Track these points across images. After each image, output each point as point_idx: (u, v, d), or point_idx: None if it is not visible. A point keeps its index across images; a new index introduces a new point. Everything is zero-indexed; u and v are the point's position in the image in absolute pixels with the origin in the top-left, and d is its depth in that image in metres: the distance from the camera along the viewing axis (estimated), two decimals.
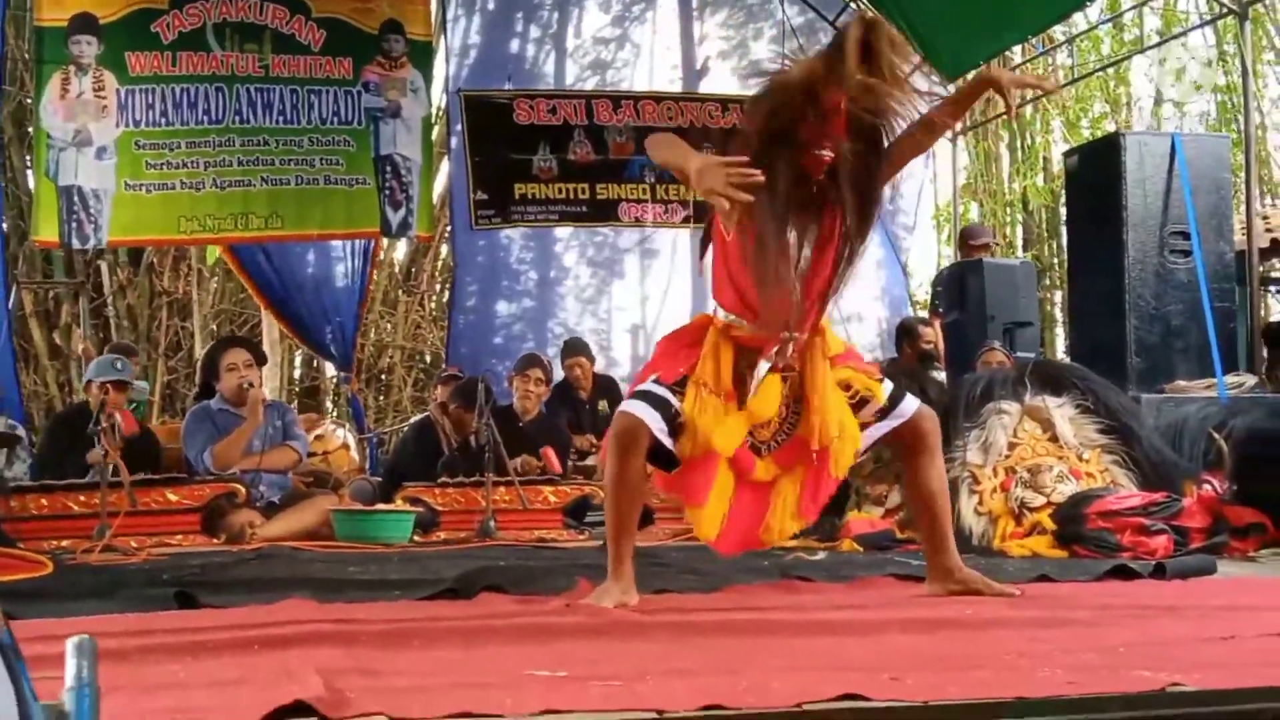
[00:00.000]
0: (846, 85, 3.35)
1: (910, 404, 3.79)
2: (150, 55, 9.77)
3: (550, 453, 7.27)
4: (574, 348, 9.70)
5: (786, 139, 3.45)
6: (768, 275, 3.50)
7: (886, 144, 3.59)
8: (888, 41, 3.40)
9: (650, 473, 3.78)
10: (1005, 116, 3.67)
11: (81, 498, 6.38)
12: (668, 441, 3.59)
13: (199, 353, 11.77)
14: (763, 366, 3.63)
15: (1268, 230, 9.94)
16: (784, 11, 11.56)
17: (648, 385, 3.65)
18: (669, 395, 3.60)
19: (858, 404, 3.74)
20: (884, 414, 3.75)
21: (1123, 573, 4.41)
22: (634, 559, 3.70)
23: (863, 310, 11.07)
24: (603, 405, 9.30)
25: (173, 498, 6.65)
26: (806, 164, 3.47)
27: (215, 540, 6.48)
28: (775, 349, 3.62)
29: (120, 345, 9.79)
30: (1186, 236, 7.46)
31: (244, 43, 10.02)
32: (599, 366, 9.93)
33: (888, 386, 3.78)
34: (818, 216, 3.57)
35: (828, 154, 3.45)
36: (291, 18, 10.11)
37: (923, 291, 15.98)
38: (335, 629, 2.98)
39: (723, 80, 11.60)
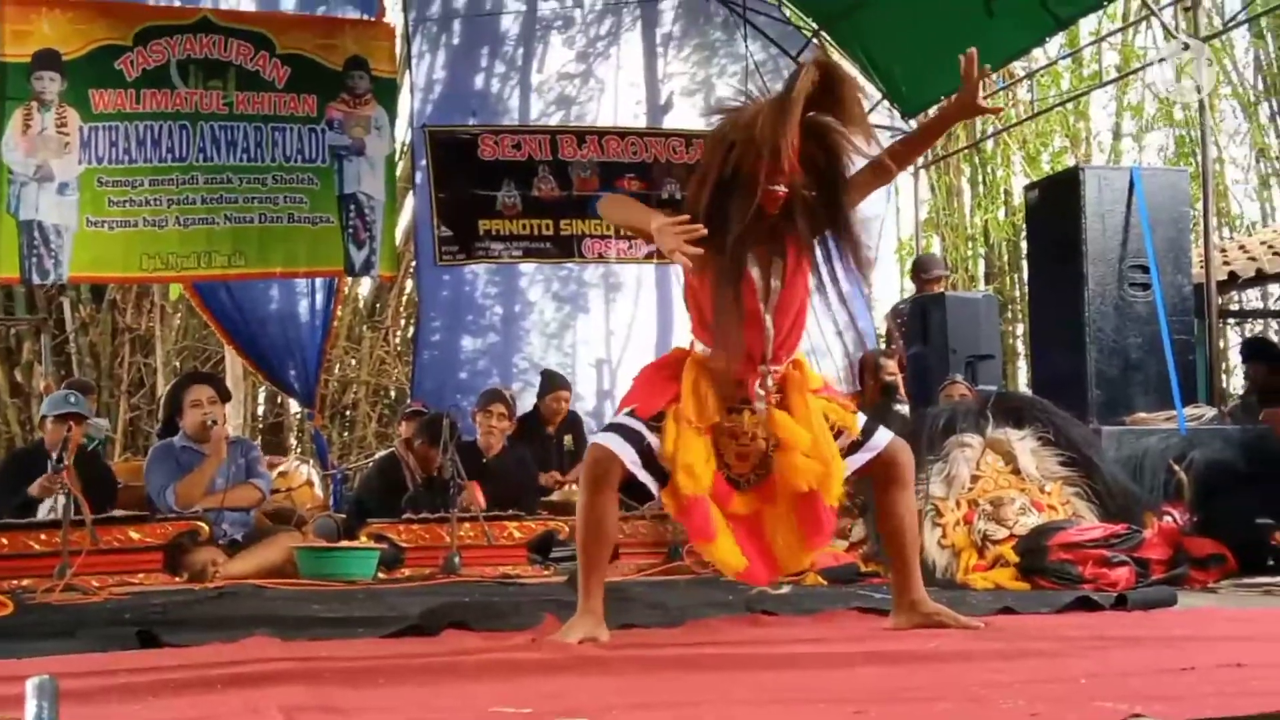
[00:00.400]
0: (804, 124, 3.46)
1: (883, 436, 3.81)
2: (114, 92, 9.73)
3: (475, 487, 7.22)
4: (556, 381, 9.70)
5: (742, 177, 3.52)
6: (733, 310, 3.56)
7: (843, 176, 3.65)
8: (844, 81, 3.50)
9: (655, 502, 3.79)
10: (966, 150, 3.73)
11: (42, 536, 6.30)
12: (641, 475, 3.60)
13: (161, 389, 11.71)
14: (759, 406, 3.67)
15: (1225, 263, 10.04)
16: (747, 48, 11.64)
17: (621, 418, 3.68)
18: (643, 429, 3.62)
19: (833, 435, 3.75)
20: (857, 446, 3.76)
21: (1085, 604, 4.43)
22: (604, 594, 3.69)
23: (828, 344, 11.10)
24: (567, 441, 9.29)
25: (135, 536, 6.60)
26: (762, 201, 3.54)
27: (177, 579, 6.43)
28: (758, 383, 3.66)
29: (76, 382, 9.73)
30: (1145, 270, 7.52)
31: (208, 80, 9.99)
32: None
33: (861, 419, 3.82)
34: (781, 250, 3.64)
35: (781, 189, 3.53)
36: (256, 54, 10.10)
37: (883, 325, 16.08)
38: (299, 667, 2.97)
39: (686, 116, 11.65)
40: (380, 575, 6.58)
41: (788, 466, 3.63)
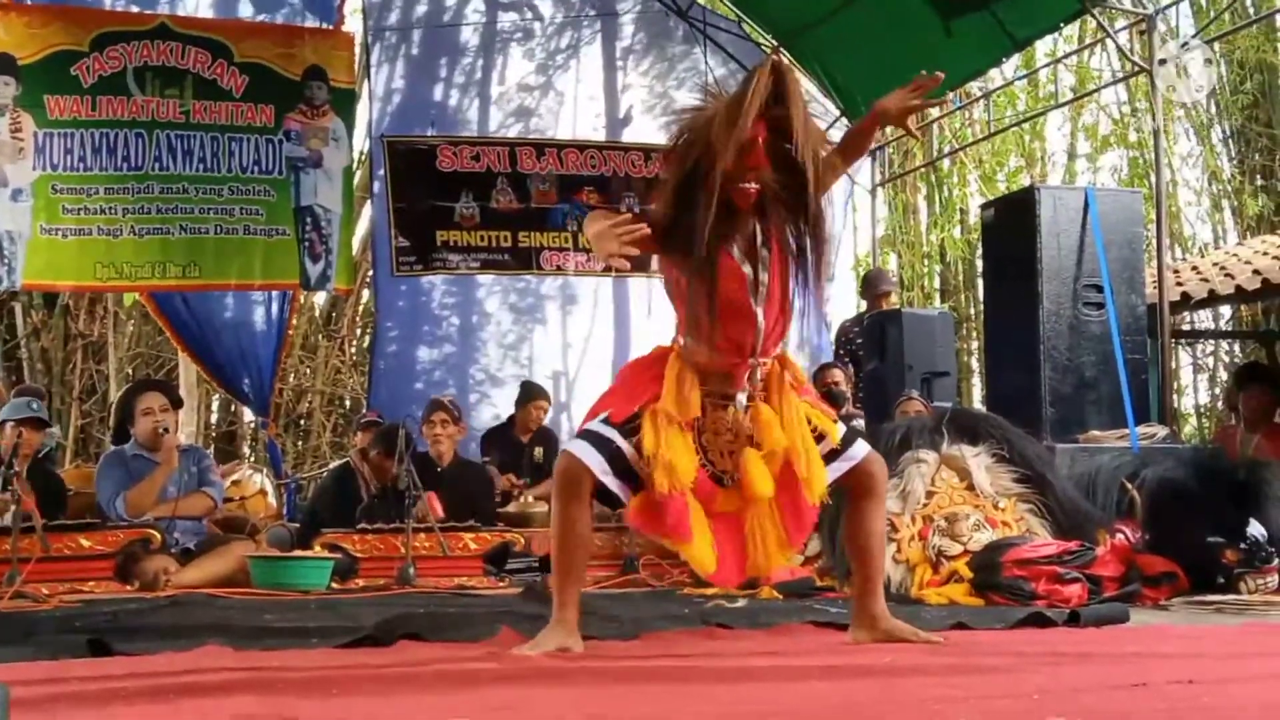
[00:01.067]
0: (744, 125, 3.46)
1: (861, 448, 3.80)
2: (70, 99, 9.67)
3: (433, 498, 7.20)
4: (535, 391, 9.76)
5: (703, 175, 3.51)
6: (710, 304, 3.56)
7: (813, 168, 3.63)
8: (794, 84, 3.53)
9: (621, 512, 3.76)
10: (911, 136, 3.76)
11: None
12: (611, 483, 3.58)
13: (114, 397, 11.61)
14: (741, 398, 3.67)
15: (1178, 284, 10.14)
16: (706, 63, 11.69)
17: (594, 425, 3.65)
18: (615, 435, 3.60)
19: (815, 438, 3.74)
20: (835, 455, 3.74)
21: (1038, 620, 4.46)
22: (579, 605, 3.66)
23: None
24: (538, 453, 9.27)
25: (86, 544, 6.54)
26: (735, 198, 3.55)
27: (129, 587, 6.37)
28: (747, 376, 3.67)
29: (28, 388, 9.62)
30: (1099, 289, 7.57)
31: (165, 88, 9.94)
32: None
33: (841, 428, 3.81)
34: (765, 243, 3.65)
35: (752, 186, 3.54)
36: (214, 62, 10.06)
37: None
38: (252, 677, 2.95)
39: (646, 129, 11.68)
40: (334, 585, 6.53)
41: (751, 468, 3.61)
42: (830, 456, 3.73)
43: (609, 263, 3.47)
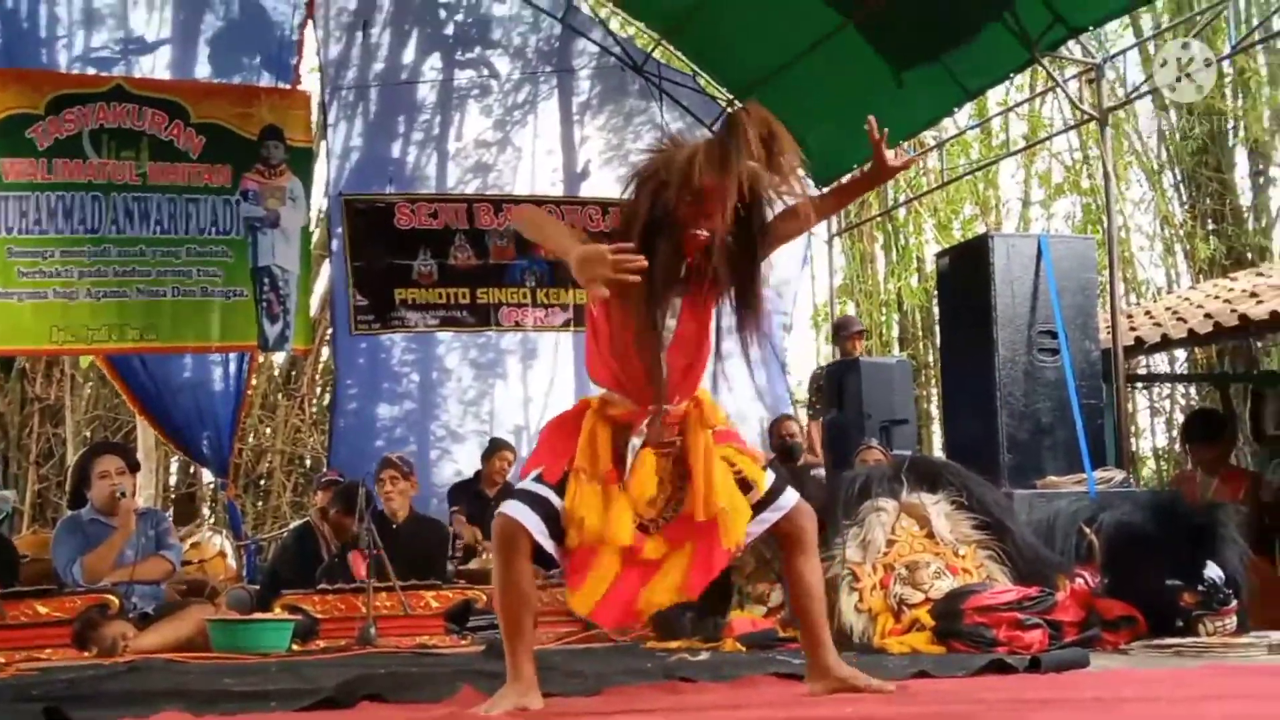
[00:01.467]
0: (739, 171, 3.42)
1: (790, 497, 3.76)
2: (25, 161, 9.66)
3: (357, 558, 7.17)
4: (498, 443, 9.81)
5: (671, 219, 3.49)
6: (638, 350, 3.54)
7: (762, 224, 3.63)
8: (781, 133, 3.51)
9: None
10: (879, 218, 3.75)
11: None
12: (547, 545, 3.55)
13: (71, 460, 11.53)
14: (635, 442, 3.62)
15: (1132, 329, 10.22)
16: (663, 117, 11.77)
17: (528, 484, 3.63)
18: (549, 493, 3.57)
19: (740, 484, 3.71)
20: (764, 504, 3.71)
21: (999, 667, 4.47)
22: (534, 661, 3.63)
23: (743, 409, 11.17)
24: None
25: (42, 610, 6.48)
26: (684, 243, 3.51)
27: (86, 654, 6.31)
28: (645, 422, 3.63)
29: None
30: (1054, 335, 7.62)
31: (121, 150, 9.95)
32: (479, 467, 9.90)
33: (770, 476, 3.77)
34: (684, 291, 3.61)
35: (704, 234, 3.49)
36: (170, 123, 10.07)
37: (802, 390, 16.22)
38: None
39: (603, 184, 11.74)
40: (295, 647, 6.49)
41: (692, 498, 3.60)
42: (759, 506, 3.70)
43: (591, 290, 3.32)
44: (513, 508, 3.56)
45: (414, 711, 3.59)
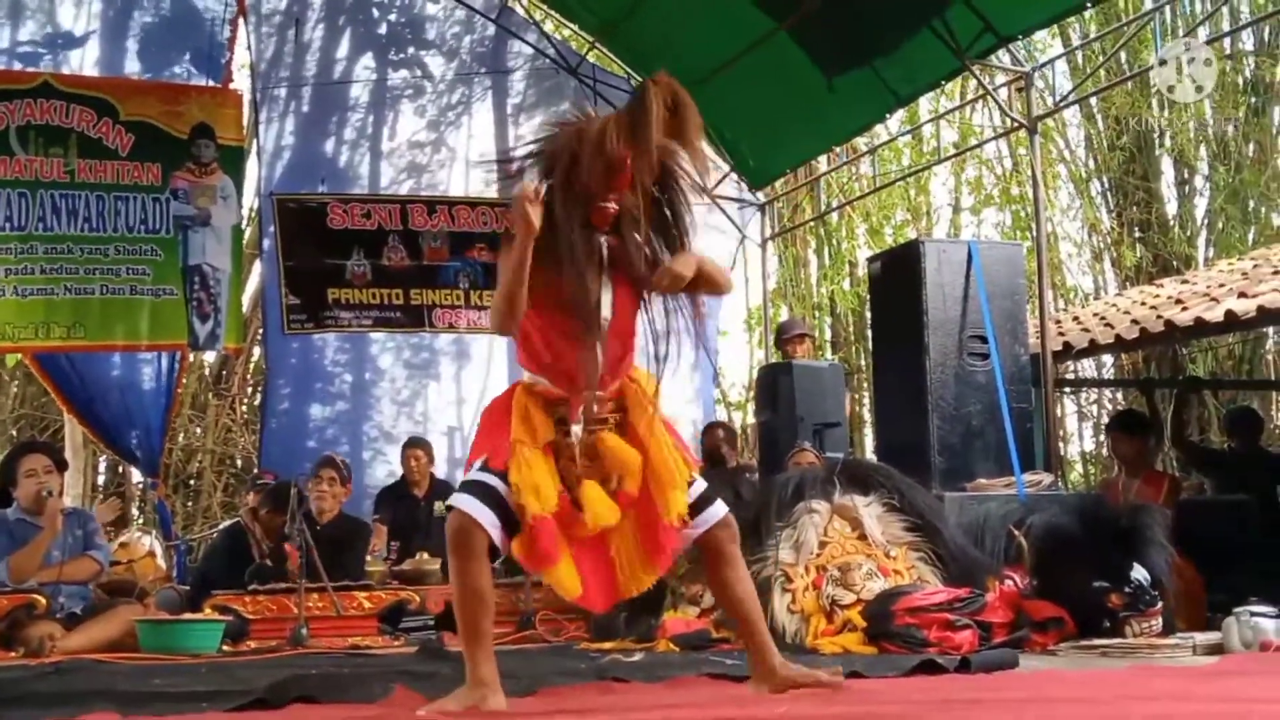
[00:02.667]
0: (647, 144, 3.45)
1: (717, 510, 3.75)
2: None
3: (291, 550, 7.12)
4: (412, 441, 9.66)
5: (577, 191, 3.53)
6: (577, 338, 3.55)
7: (676, 202, 3.65)
8: (688, 104, 3.52)
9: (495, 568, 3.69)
10: (811, 222, 3.78)
11: None
12: (499, 539, 3.49)
13: None
14: (575, 430, 3.60)
15: (1060, 334, 10.34)
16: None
17: (477, 474, 3.57)
18: (497, 482, 3.52)
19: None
20: (694, 512, 3.68)
21: (930, 667, 4.51)
22: (494, 662, 3.55)
23: (677, 413, 11.20)
24: (438, 507, 9.16)
25: None
26: (593, 216, 3.54)
27: (12, 654, 6.23)
28: (580, 409, 3.60)
29: None
30: (984, 340, 7.69)
31: (49, 146, 9.84)
32: None
33: (700, 485, 3.75)
34: (611, 271, 3.60)
35: (612, 206, 3.53)
36: (99, 120, 9.97)
37: (735, 393, 16.28)
38: None
39: None
40: (225, 648, 6.44)
41: (591, 500, 3.56)
42: (688, 514, 3.67)
43: (520, 232, 3.42)
44: (465, 502, 3.50)
45: (346, 711, 3.58)
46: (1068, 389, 16.27)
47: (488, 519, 3.48)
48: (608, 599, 3.75)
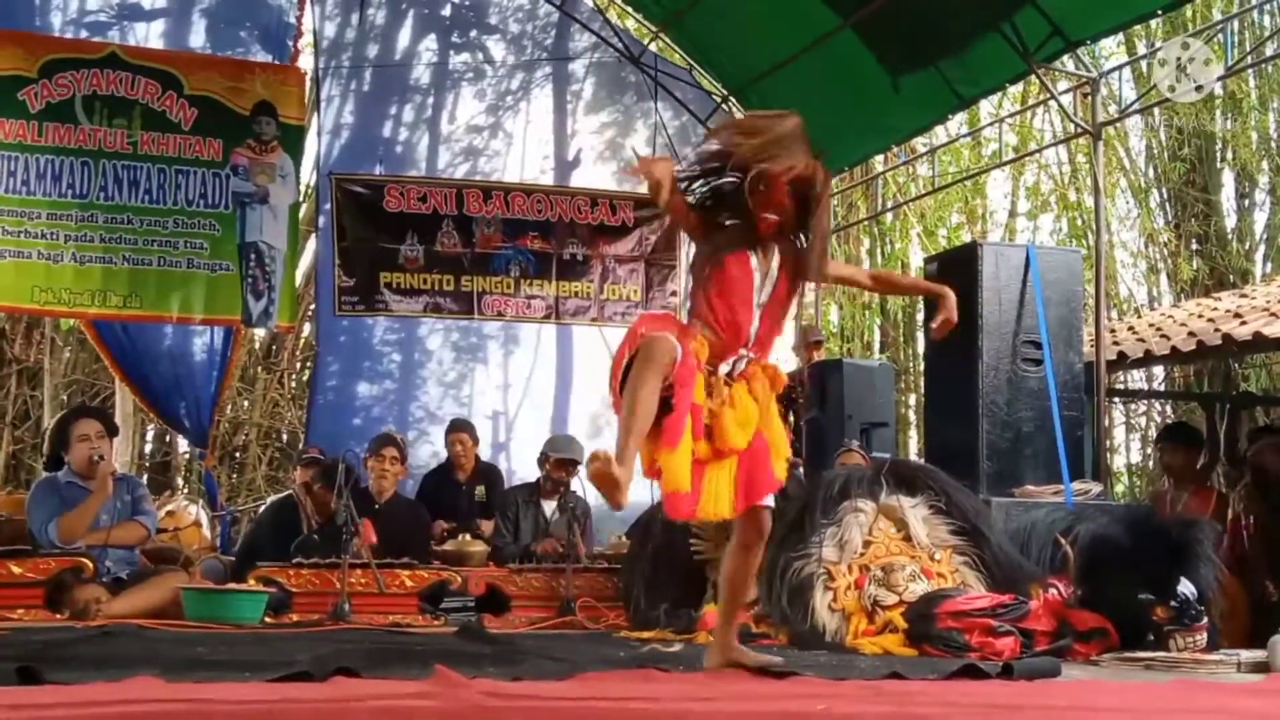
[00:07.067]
0: (808, 169, 4.24)
1: (771, 500, 4.30)
2: (15, 123, 9.62)
3: (369, 525, 7.15)
4: (457, 424, 9.64)
5: (742, 204, 4.19)
6: (734, 295, 4.20)
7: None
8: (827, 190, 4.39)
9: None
10: (865, 221, 4.57)
11: None
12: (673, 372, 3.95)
13: (48, 423, 11.48)
14: (723, 368, 4.18)
15: (1115, 344, 10.26)
16: (657, 111, 11.74)
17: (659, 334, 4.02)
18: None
19: None
20: None
21: (971, 672, 4.48)
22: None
23: None
24: (480, 491, 9.18)
25: (16, 570, 6.48)
26: (760, 227, 4.21)
27: (59, 616, 6.31)
28: (734, 359, 4.20)
29: None
30: (1038, 346, 7.63)
31: (113, 117, 9.91)
32: None
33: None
34: (772, 262, 4.29)
35: (774, 217, 4.21)
36: (163, 93, 10.03)
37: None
38: (184, 709, 2.93)
39: (594, 175, 11.73)
40: (268, 619, 6.49)
41: (729, 422, 4.11)
42: None
43: (650, 181, 4.06)
44: (663, 335, 3.98)
45: (389, 687, 3.59)
46: (1119, 399, 16.13)
47: (679, 355, 3.95)
48: (688, 511, 4.20)
